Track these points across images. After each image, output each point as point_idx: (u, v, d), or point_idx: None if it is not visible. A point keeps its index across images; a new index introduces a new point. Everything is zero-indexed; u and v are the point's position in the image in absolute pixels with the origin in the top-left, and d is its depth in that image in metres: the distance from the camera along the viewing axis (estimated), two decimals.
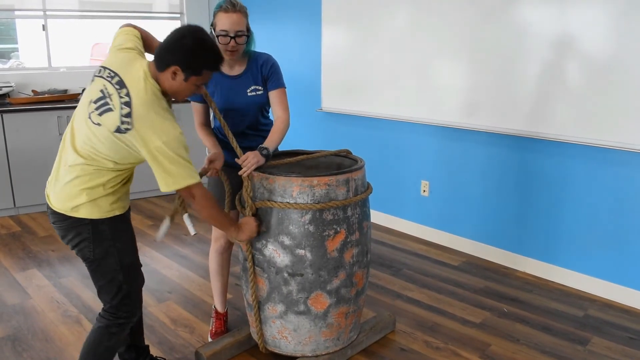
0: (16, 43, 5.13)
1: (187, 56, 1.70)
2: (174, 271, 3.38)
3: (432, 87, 3.57)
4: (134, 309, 1.93)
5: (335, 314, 2.19)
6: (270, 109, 2.40)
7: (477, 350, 2.47)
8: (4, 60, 5.14)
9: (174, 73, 1.71)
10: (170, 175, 1.71)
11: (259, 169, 2.10)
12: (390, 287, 3.13)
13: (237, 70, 2.29)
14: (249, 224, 2.05)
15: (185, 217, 2.04)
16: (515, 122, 3.17)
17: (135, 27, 1.97)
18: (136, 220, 4.23)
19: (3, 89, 4.43)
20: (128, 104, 1.66)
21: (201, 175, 2.12)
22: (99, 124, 1.69)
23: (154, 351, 2.45)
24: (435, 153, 3.73)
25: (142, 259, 3.54)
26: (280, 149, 2.45)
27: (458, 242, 3.68)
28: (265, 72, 2.32)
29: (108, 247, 1.82)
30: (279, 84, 2.34)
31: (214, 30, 2.17)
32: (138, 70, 1.73)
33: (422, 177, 3.85)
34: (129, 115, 1.66)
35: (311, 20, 4.38)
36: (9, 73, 4.73)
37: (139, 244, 3.85)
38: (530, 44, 3.02)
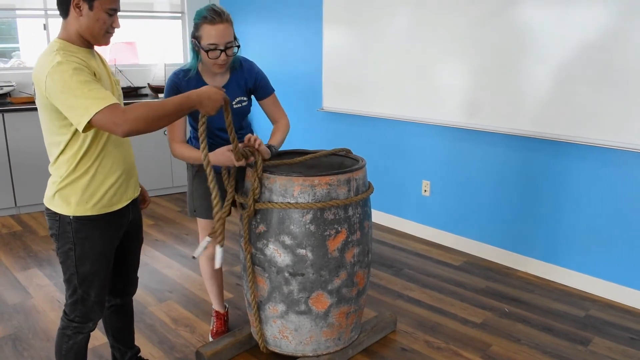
0: (17, 42, 5.13)
1: None
2: (174, 271, 3.38)
3: (434, 87, 3.56)
4: (86, 316, 1.82)
5: (336, 313, 2.18)
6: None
7: (478, 351, 2.46)
8: (5, 59, 5.14)
9: (77, 7, 1.60)
10: (72, 108, 1.53)
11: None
12: (391, 287, 3.12)
13: (220, 81, 2.19)
14: (211, 95, 1.69)
15: (218, 248, 1.95)
16: (517, 122, 3.16)
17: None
18: None
19: (4, 88, 4.44)
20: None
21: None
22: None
23: (154, 351, 2.45)
24: (436, 153, 3.73)
25: (143, 258, 3.56)
26: (281, 148, 2.45)
27: (459, 242, 3.67)
28: (251, 84, 2.25)
29: (68, 249, 1.75)
30: (269, 90, 2.29)
31: (199, 43, 2.04)
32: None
33: (423, 177, 3.85)
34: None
35: (312, 20, 4.37)
36: (10, 72, 4.73)
37: None
38: (532, 44, 3.01)
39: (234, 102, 2.21)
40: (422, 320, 2.74)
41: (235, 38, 2.09)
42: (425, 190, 3.85)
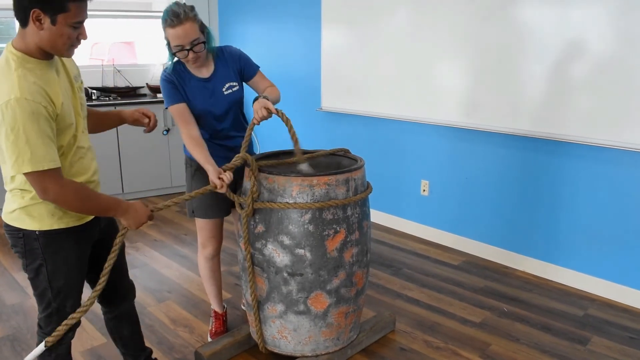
0: None
1: None
2: (173, 271, 3.37)
3: (432, 87, 3.56)
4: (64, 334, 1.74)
5: (335, 313, 2.18)
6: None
7: (477, 350, 2.46)
8: None
9: (37, 20, 1.43)
10: (12, 154, 1.42)
11: (260, 169, 2.10)
12: (390, 286, 3.13)
13: (207, 71, 2.23)
14: (138, 210, 1.70)
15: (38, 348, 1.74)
16: (515, 122, 3.16)
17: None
18: None
19: None
20: None
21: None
22: None
23: (153, 351, 2.45)
24: (435, 152, 3.73)
25: (142, 258, 3.57)
26: (279, 148, 2.46)
27: (458, 242, 3.68)
28: (237, 65, 2.28)
29: (38, 266, 1.65)
30: (254, 67, 2.33)
31: (169, 45, 2.11)
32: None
33: (422, 176, 3.85)
34: None
35: (311, 19, 4.37)
36: None
37: (137, 244, 3.84)
38: (530, 44, 3.01)
39: (224, 89, 2.24)
40: (421, 320, 2.74)
41: (202, 32, 2.10)
42: (424, 190, 3.85)
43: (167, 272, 3.35)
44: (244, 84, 2.34)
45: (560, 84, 2.93)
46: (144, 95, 5.16)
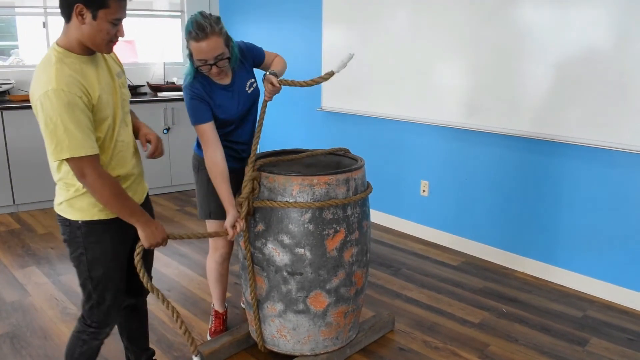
0: (16, 40, 5.12)
1: None
2: (173, 269, 3.38)
3: (433, 87, 3.57)
4: (103, 321, 1.83)
5: (334, 313, 2.18)
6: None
7: (476, 350, 2.46)
8: (4, 57, 5.13)
9: (80, 15, 1.53)
10: (51, 142, 1.52)
11: (259, 168, 2.11)
12: (390, 286, 3.13)
13: (228, 78, 2.19)
14: (158, 228, 1.75)
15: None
16: (515, 123, 3.16)
17: None
18: None
19: (3, 86, 4.43)
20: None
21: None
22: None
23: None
24: (435, 153, 3.73)
25: None
26: (279, 148, 2.46)
27: (457, 242, 3.68)
28: (250, 59, 2.28)
29: (79, 254, 1.74)
30: (261, 52, 2.34)
31: (191, 57, 2.04)
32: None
33: (422, 177, 3.85)
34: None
35: (312, 19, 4.37)
36: (9, 70, 4.72)
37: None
38: (531, 45, 3.01)
39: (247, 89, 2.24)
40: (420, 320, 2.74)
41: (227, 45, 2.04)
42: (423, 191, 3.85)
43: (166, 270, 3.36)
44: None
45: (560, 85, 2.94)
46: (145, 94, 5.17)
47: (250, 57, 2.28)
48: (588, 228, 3.01)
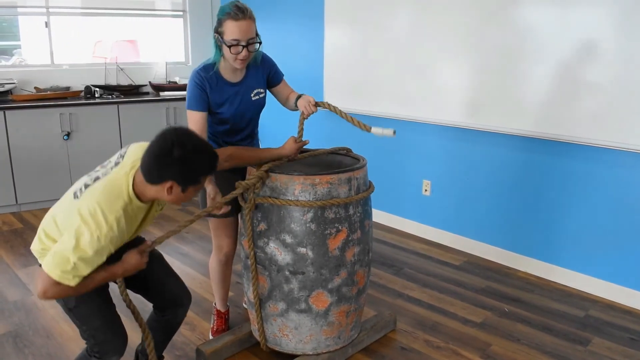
0: (19, 40, 5.13)
1: (181, 170, 1.57)
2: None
3: (435, 87, 3.56)
4: (108, 355, 1.84)
5: (336, 312, 2.19)
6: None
7: (478, 350, 2.46)
8: (7, 57, 5.14)
9: (170, 188, 1.59)
10: (59, 253, 1.55)
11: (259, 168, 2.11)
12: (392, 286, 3.13)
13: (239, 76, 2.23)
14: (131, 264, 1.75)
15: None
16: (518, 122, 3.16)
17: None
18: None
19: (5, 85, 4.43)
20: (97, 179, 1.66)
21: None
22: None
23: None
24: (437, 152, 3.73)
25: None
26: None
27: (459, 242, 3.68)
28: (267, 72, 2.31)
29: (73, 307, 1.76)
30: (280, 74, 2.39)
31: (222, 38, 2.07)
32: (124, 170, 1.67)
33: (424, 176, 3.85)
34: (87, 186, 1.65)
35: (314, 19, 4.37)
36: (11, 70, 4.73)
37: None
38: (534, 44, 3.01)
39: (252, 95, 2.26)
40: (421, 320, 2.74)
41: (257, 34, 2.13)
42: (425, 190, 3.85)
43: None
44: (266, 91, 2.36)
45: (563, 84, 2.93)
46: (147, 93, 5.18)
47: (268, 69, 2.32)
48: (590, 228, 3.01)
